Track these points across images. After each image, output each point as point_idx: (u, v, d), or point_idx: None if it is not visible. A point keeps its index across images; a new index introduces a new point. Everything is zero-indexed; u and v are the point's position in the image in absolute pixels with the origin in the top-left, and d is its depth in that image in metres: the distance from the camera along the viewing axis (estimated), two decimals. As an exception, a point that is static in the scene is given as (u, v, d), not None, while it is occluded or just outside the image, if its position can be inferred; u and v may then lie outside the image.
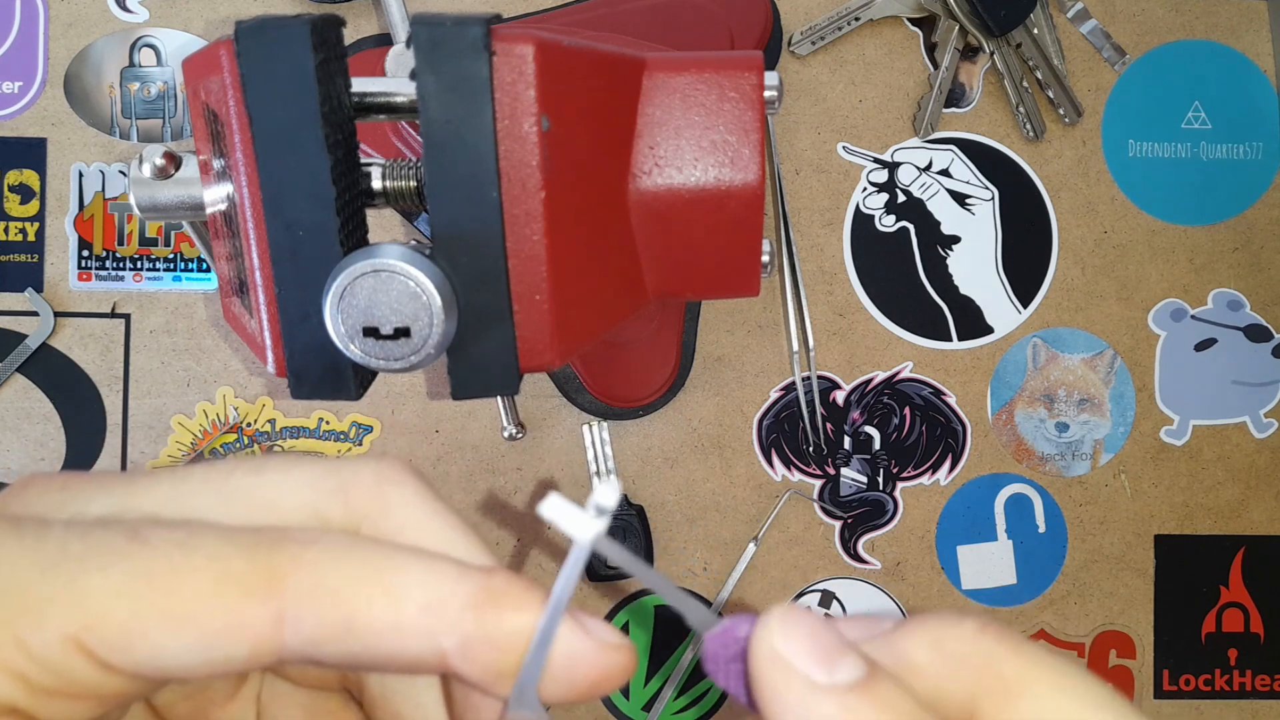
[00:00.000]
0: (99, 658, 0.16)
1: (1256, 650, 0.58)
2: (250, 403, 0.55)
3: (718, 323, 0.56)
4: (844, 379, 0.57)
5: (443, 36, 0.27)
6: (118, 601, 0.16)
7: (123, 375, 0.54)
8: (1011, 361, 0.57)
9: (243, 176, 0.29)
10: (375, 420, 0.55)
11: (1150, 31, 0.58)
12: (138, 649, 0.16)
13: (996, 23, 0.54)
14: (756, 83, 0.34)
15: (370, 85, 0.31)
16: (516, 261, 0.29)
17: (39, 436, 0.54)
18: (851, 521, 0.57)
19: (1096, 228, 0.57)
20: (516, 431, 0.53)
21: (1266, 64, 0.58)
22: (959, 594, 0.57)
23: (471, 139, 0.28)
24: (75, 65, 0.54)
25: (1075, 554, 0.58)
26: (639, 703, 0.56)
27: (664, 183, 0.34)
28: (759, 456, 0.56)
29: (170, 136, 0.55)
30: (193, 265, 0.55)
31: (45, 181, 0.54)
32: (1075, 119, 0.56)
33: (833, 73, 0.56)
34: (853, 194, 0.57)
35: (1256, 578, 0.58)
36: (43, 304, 0.54)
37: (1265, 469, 0.58)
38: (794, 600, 0.57)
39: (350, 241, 0.29)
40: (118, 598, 0.16)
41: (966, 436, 0.57)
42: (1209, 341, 0.58)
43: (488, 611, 0.17)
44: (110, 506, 0.18)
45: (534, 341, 0.30)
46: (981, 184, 0.57)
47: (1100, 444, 0.58)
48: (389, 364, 0.28)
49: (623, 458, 0.56)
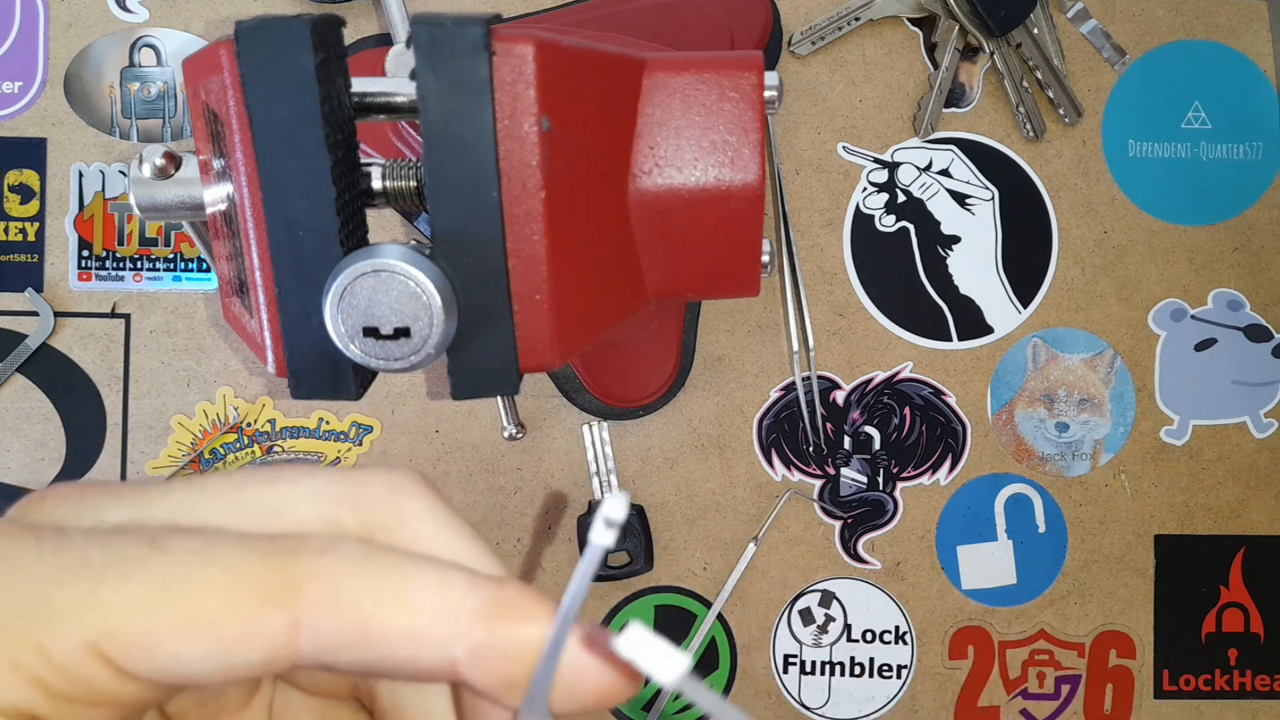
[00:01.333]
0: (118, 665, 0.17)
1: (1256, 650, 0.58)
2: (250, 403, 0.55)
3: (718, 323, 0.56)
4: (844, 379, 0.57)
5: (443, 36, 0.27)
6: (137, 610, 0.16)
7: (123, 375, 0.54)
8: (1011, 361, 0.57)
9: (243, 176, 0.29)
10: (375, 420, 0.55)
11: (1150, 31, 0.58)
12: (156, 656, 0.17)
13: (996, 23, 0.54)
14: (756, 83, 0.34)
15: (370, 85, 0.31)
16: (516, 261, 0.29)
17: (39, 436, 0.54)
18: (851, 521, 0.57)
19: (1096, 228, 0.57)
20: (516, 431, 0.53)
21: (1266, 64, 0.58)
22: (959, 594, 0.57)
23: (471, 139, 0.28)
24: (75, 65, 0.54)
25: (1075, 554, 0.58)
26: (639, 702, 0.56)
27: (664, 183, 0.34)
28: (759, 456, 0.56)
29: (170, 136, 0.55)
30: (193, 265, 0.55)
31: (45, 181, 0.54)
32: (1075, 119, 0.56)
33: (833, 73, 0.56)
34: (853, 194, 0.57)
35: (1256, 578, 0.58)
36: (43, 304, 0.54)
37: (1265, 469, 0.58)
38: (794, 600, 0.57)
39: (350, 241, 0.29)
40: (137, 606, 0.16)
41: (966, 436, 0.57)
42: (1209, 341, 0.58)
43: (499, 622, 0.18)
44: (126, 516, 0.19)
45: (534, 341, 0.30)
46: (981, 184, 0.57)
47: (1100, 444, 0.58)
48: (389, 364, 0.28)
49: (623, 458, 0.56)
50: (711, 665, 0.57)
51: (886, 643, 0.57)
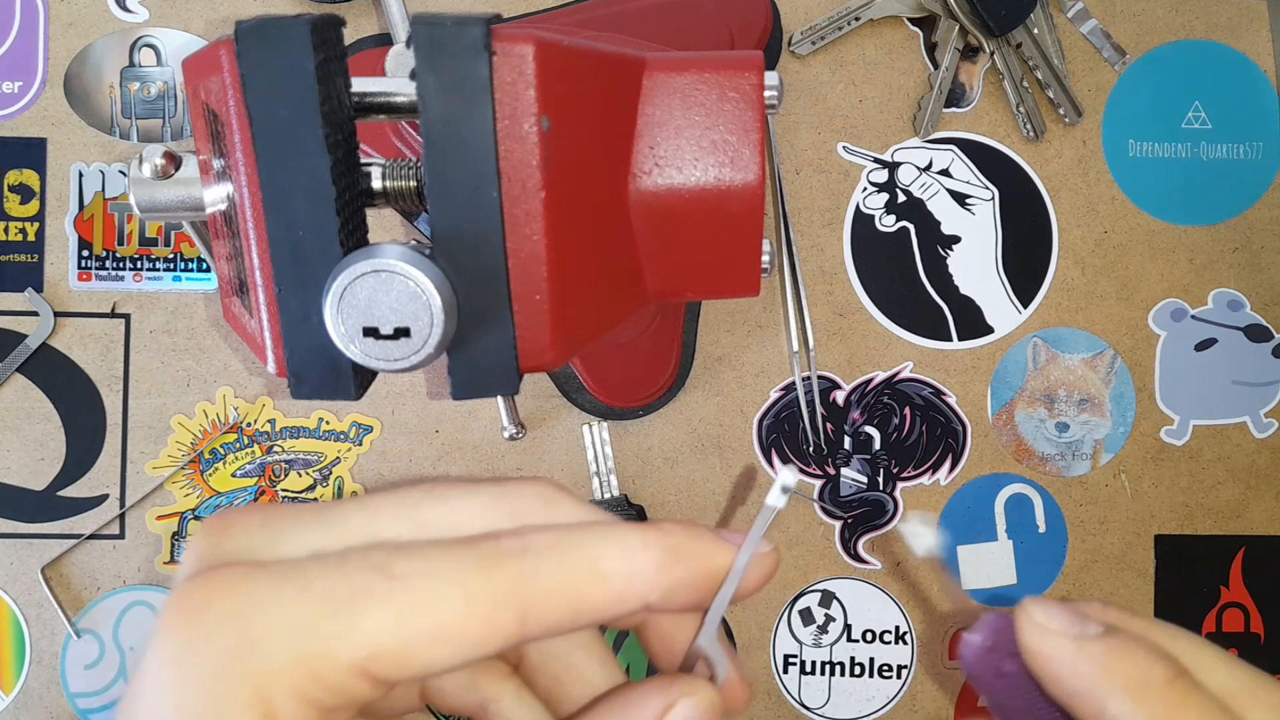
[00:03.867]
0: (379, 678, 0.20)
1: (1256, 650, 0.58)
2: (250, 403, 0.55)
3: (718, 323, 0.56)
4: (844, 379, 0.57)
5: (443, 36, 0.27)
6: (393, 633, 0.19)
7: (123, 375, 0.54)
8: (1012, 361, 0.57)
9: (243, 176, 0.29)
10: (375, 420, 0.55)
11: (1150, 31, 0.58)
12: (412, 665, 0.20)
13: (996, 23, 0.54)
14: (756, 83, 0.34)
15: (370, 85, 0.31)
16: (516, 261, 0.29)
17: (39, 436, 0.54)
18: (851, 521, 0.57)
19: (1096, 228, 0.57)
20: (516, 431, 0.53)
21: (1266, 64, 0.58)
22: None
23: (471, 139, 0.28)
24: (75, 65, 0.54)
25: (1075, 554, 0.58)
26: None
27: (664, 183, 0.34)
28: (759, 456, 0.56)
29: (170, 136, 0.55)
30: (193, 265, 0.55)
31: (45, 181, 0.54)
32: (1075, 119, 0.56)
33: (833, 73, 0.56)
34: (853, 194, 0.57)
35: (1256, 578, 0.58)
36: (43, 304, 0.54)
37: (1265, 469, 0.58)
38: (794, 600, 0.57)
39: (350, 241, 0.29)
40: (393, 630, 0.19)
41: (966, 436, 0.57)
42: (1209, 341, 0.58)
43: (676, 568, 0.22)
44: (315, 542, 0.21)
45: (534, 341, 0.30)
46: (981, 184, 0.57)
47: (1100, 444, 0.58)
48: (389, 364, 0.28)
49: (623, 458, 0.56)
50: (711, 665, 0.57)
51: (886, 643, 0.57)
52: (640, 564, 0.21)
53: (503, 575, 0.20)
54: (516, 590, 0.20)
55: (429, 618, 0.20)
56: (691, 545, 0.22)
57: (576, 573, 0.21)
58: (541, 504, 0.23)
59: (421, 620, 0.20)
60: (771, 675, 0.57)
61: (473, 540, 0.21)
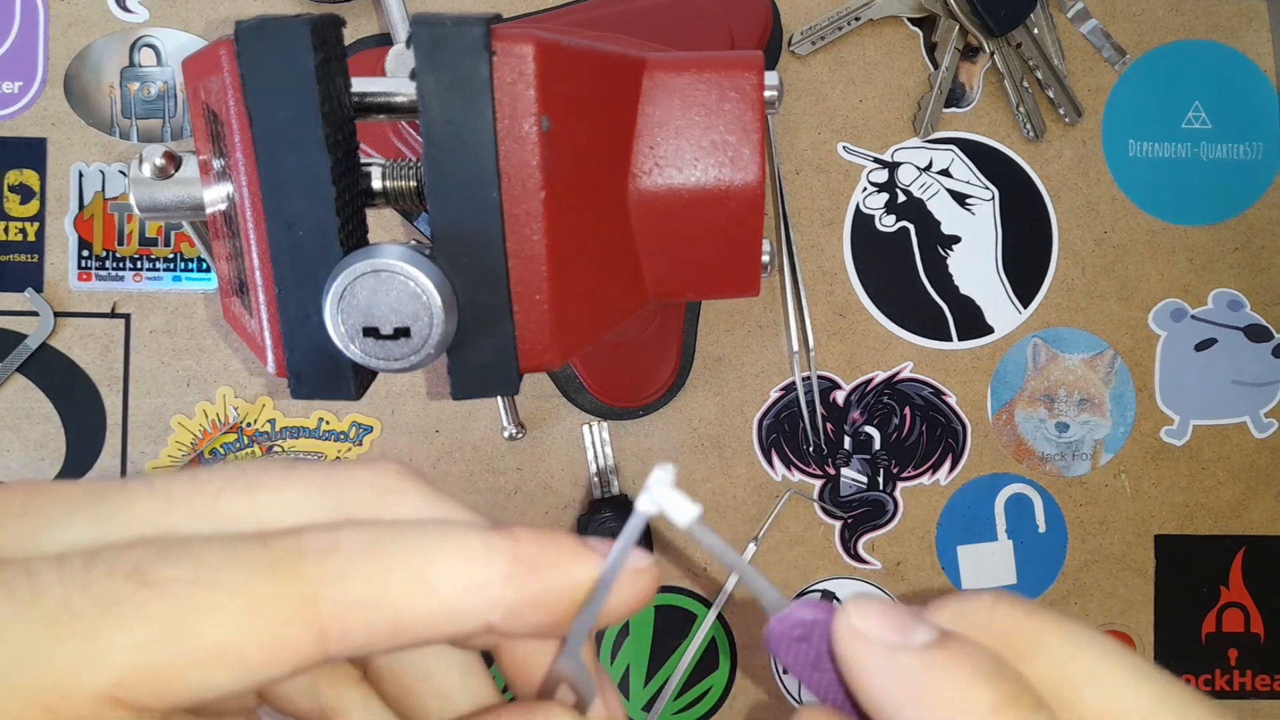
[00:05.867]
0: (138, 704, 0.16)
1: (1256, 650, 0.58)
2: (250, 403, 0.55)
3: (718, 323, 0.56)
4: (844, 379, 0.57)
5: (443, 36, 0.27)
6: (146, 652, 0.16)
7: (123, 375, 0.54)
8: (1012, 361, 0.57)
9: (243, 176, 0.29)
10: (375, 420, 0.55)
11: (1150, 31, 0.58)
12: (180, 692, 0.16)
13: (996, 23, 0.54)
14: (756, 83, 0.34)
15: (370, 85, 0.31)
16: (516, 261, 0.29)
17: (39, 436, 0.54)
18: (851, 521, 0.57)
19: (1096, 228, 0.57)
20: (516, 431, 0.53)
21: (1266, 64, 0.58)
22: (959, 594, 0.57)
23: (471, 139, 0.28)
24: (75, 65, 0.54)
25: (1075, 554, 0.58)
26: (639, 703, 0.56)
27: (664, 183, 0.34)
28: (759, 456, 0.56)
29: (170, 136, 0.55)
30: (193, 265, 0.55)
31: (45, 181, 0.54)
32: (1075, 119, 0.56)
33: (833, 73, 0.56)
34: (853, 194, 0.57)
35: (1256, 578, 0.58)
36: (43, 304, 0.54)
37: (1265, 469, 0.58)
38: (794, 599, 0.57)
39: (350, 241, 0.29)
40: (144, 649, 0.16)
41: (966, 436, 0.57)
42: (1209, 341, 0.58)
43: (526, 582, 0.18)
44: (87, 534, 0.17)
45: (534, 341, 0.30)
46: (981, 184, 0.57)
47: (1100, 444, 0.58)
48: (389, 364, 0.28)
49: (623, 458, 0.56)
50: (711, 665, 0.57)
51: (886, 643, 0.57)
52: (480, 574, 0.18)
53: (297, 582, 0.17)
54: (313, 600, 0.17)
55: (196, 635, 0.16)
56: (547, 555, 0.18)
57: (395, 581, 0.17)
58: (375, 494, 0.19)
59: (186, 638, 0.16)
60: (771, 675, 0.57)
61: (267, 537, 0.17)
